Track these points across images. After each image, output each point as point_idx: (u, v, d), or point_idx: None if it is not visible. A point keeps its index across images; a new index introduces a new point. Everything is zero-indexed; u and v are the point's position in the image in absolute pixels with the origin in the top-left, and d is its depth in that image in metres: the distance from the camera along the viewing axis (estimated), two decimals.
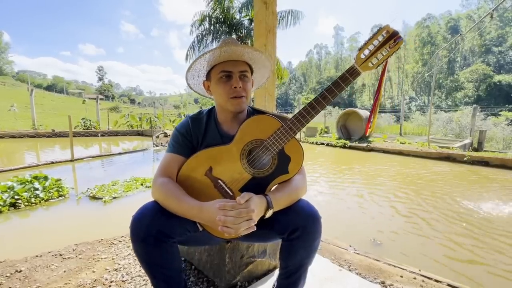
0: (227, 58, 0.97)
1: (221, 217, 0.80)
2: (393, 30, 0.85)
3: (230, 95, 0.98)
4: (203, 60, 0.97)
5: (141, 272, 1.48)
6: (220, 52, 0.93)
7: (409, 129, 14.33)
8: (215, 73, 1.00)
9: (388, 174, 5.23)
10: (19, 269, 1.50)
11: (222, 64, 0.98)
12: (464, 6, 52.97)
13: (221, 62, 0.98)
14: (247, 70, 1.01)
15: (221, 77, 0.98)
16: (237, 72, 0.98)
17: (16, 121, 13.61)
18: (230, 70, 0.97)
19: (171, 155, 1.01)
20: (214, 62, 0.99)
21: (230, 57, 0.97)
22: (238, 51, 0.95)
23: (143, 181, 4.01)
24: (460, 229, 2.69)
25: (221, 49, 0.92)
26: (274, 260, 1.42)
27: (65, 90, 68.68)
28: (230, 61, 0.98)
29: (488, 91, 31.76)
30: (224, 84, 0.98)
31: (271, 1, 1.86)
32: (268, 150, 0.93)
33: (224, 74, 0.98)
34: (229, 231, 0.81)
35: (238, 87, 0.97)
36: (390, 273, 1.51)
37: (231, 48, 0.92)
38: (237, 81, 0.97)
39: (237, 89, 0.97)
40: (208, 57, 0.95)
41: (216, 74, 0.99)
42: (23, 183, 3.25)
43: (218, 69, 0.98)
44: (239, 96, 0.98)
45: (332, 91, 0.88)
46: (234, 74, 0.98)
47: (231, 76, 0.98)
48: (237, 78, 0.98)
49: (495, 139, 9.76)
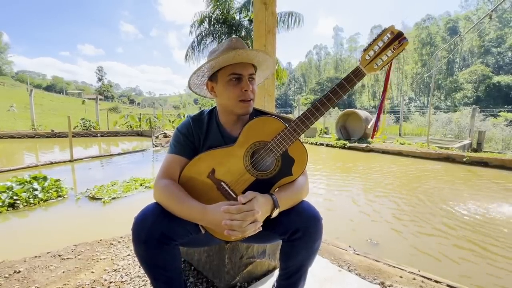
0: (238, 60, 0.95)
1: (227, 221, 0.80)
2: (398, 31, 0.84)
3: (239, 98, 0.97)
4: (215, 63, 0.95)
5: (140, 272, 1.47)
6: (235, 55, 0.92)
7: (409, 130, 14.36)
8: (223, 75, 0.97)
9: (387, 174, 5.23)
10: (18, 269, 1.49)
11: (232, 66, 0.96)
12: (463, 7, 53.14)
13: (231, 64, 0.96)
14: (254, 73, 1.01)
15: (230, 80, 0.96)
16: (246, 75, 0.97)
17: (16, 122, 13.59)
18: (240, 73, 0.96)
19: (172, 156, 0.99)
20: (224, 64, 0.96)
21: (242, 59, 0.95)
22: (252, 55, 0.94)
23: (142, 182, 4.01)
24: (460, 230, 2.69)
25: (236, 52, 0.90)
26: (274, 261, 1.42)
27: (64, 90, 68.60)
28: (240, 64, 0.96)
29: (487, 92, 31.82)
30: (234, 87, 0.96)
31: (270, 2, 1.86)
32: (272, 152, 0.92)
33: (234, 77, 0.96)
34: (235, 234, 0.80)
35: (249, 90, 0.97)
36: (390, 273, 1.51)
37: (246, 52, 0.92)
38: (247, 84, 0.96)
39: (247, 92, 0.97)
40: (221, 60, 0.92)
41: (225, 76, 0.97)
42: (22, 184, 3.25)
43: (228, 71, 0.96)
44: (248, 99, 0.98)
45: (337, 92, 0.88)
46: (244, 77, 0.96)
47: (241, 79, 0.96)
48: (247, 81, 0.97)
49: (494, 140, 9.77)
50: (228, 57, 0.92)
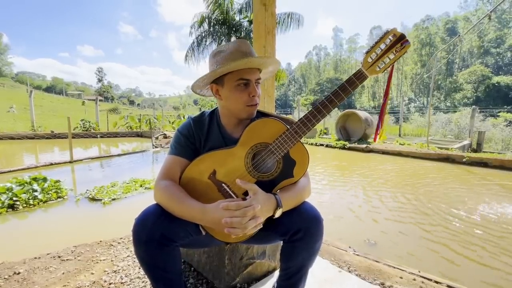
0: (248, 66, 0.95)
1: (227, 219, 0.79)
2: (400, 34, 0.84)
3: (247, 103, 0.96)
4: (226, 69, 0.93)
5: (140, 273, 1.47)
6: (247, 63, 0.91)
7: (408, 130, 14.36)
8: (231, 80, 0.95)
9: (387, 175, 5.23)
10: (18, 271, 1.49)
11: (240, 71, 0.94)
12: (463, 8, 53.34)
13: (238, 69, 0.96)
14: (260, 77, 1.01)
15: (238, 85, 0.95)
16: (254, 80, 0.97)
17: (15, 123, 13.59)
18: (248, 79, 0.95)
19: (173, 157, 0.99)
20: (232, 69, 0.95)
21: (252, 66, 0.95)
22: (262, 62, 0.95)
23: (142, 183, 4.01)
24: (460, 230, 2.69)
25: (248, 60, 0.90)
26: (274, 262, 1.42)
27: (64, 91, 68.65)
28: (248, 69, 0.95)
29: (487, 92, 31.88)
30: (241, 92, 0.96)
31: (270, 3, 1.87)
32: (273, 154, 0.92)
33: (242, 82, 0.95)
34: (236, 232, 0.79)
35: (256, 96, 0.97)
36: (390, 274, 1.50)
37: (258, 60, 0.92)
38: (254, 89, 0.96)
39: (254, 98, 0.97)
40: (233, 66, 0.91)
41: (232, 81, 0.95)
42: (22, 185, 3.25)
43: (236, 76, 0.94)
44: (255, 104, 0.98)
45: (339, 94, 0.88)
46: (252, 82, 0.96)
47: (249, 84, 0.96)
48: (254, 86, 0.96)
49: (494, 140, 9.78)
50: (240, 64, 0.91)
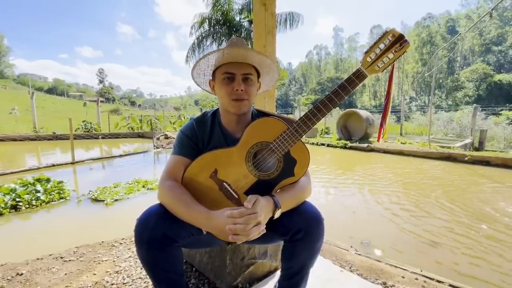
0: (230, 59, 0.97)
1: (231, 226, 0.80)
2: (399, 34, 0.85)
3: (231, 97, 0.97)
4: (206, 61, 0.97)
5: (142, 274, 1.48)
6: (223, 54, 0.93)
7: (410, 129, 14.32)
8: (219, 74, 1.00)
9: (388, 174, 5.21)
10: (20, 272, 1.49)
11: (226, 65, 0.98)
12: (464, 6, 53.09)
13: (225, 63, 0.98)
14: (251, 73, 1.00)
15: (223, 79, 0.98)
16: (240, 74, 0.97)
17: (17, 124, 13.62)
18: (233, 72, 0.97)
19: (176, 157, 1.00)
20: (218, 63, 0.99)
21: (234, 59, 0.97)
22: (241, 54, 0.95)
23: (145, 183, 4.01)
24: (459, 231, 2.68)
25: (224, 51, 0.92)
26: (275, 262, 1.42)
27: (65, 93, 68.87)
28: (234, 63, 0.97)
29: (489, 90, 31.74)
30: (226, 86, 0.98)
31: (270, 3, 1.87)
32: (274, 153, 0.93)
33: (226, 76, 0.97)
34: (240, 239, 0.81)
35: (240, 90, 0.96)
36: (392, 273, 1.50)
37: (234, 50, 0.93)
38: (239, 83, 0.97)
39: (238, 92, 0.97)
40: (212, 58, 0.95)
41: (219, 75, 0.99)
42: (25, 186, 3.26)
43: (222, 70, 0.98)
44: (240, 99, 0.98)
45: (339, 94, 0.88)
46: (237, 76, 0.97)
47: (234, 78, 0.97)
48: (239, 80, 0.97)
49: (496, 139, 9.74)
50: (218, 56, 0.94)
